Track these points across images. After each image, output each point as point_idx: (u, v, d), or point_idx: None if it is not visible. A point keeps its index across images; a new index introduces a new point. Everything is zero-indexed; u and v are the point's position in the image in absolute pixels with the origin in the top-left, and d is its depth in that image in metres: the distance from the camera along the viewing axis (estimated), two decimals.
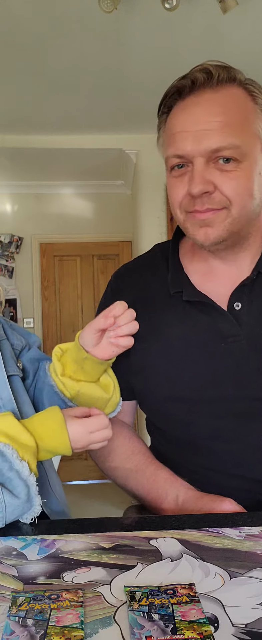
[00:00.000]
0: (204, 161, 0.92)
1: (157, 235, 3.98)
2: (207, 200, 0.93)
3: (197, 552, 0.69)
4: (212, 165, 0.92)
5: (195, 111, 0.93)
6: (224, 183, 0.92)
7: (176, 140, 0.95)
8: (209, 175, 0.92)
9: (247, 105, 0.95)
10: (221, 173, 0.92)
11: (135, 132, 4.05)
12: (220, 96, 0.93)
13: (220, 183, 0.92)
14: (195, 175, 0.92)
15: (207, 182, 0.92)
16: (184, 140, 0.93)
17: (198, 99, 0.94)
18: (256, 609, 0.56)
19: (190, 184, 0.94)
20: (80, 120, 3.86)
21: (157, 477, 1.02)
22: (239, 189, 0.93)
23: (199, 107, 0.93)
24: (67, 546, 0.71)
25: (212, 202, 0.93)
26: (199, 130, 0.92)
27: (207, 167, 0.92)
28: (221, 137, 0.90)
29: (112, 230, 5.05)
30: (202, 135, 0.91)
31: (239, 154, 0.91)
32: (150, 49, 3.00)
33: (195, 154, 0.92)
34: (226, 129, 0.91)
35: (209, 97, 0.93)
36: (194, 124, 0.92)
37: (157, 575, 0.63)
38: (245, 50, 2.98)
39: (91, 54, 3.04)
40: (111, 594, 0.59)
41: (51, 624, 0.53)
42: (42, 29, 2.78)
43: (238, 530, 0.75)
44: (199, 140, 0.92)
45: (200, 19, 2.75)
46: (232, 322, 1.00)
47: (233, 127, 0.91)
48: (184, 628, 0.52)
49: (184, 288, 1.04)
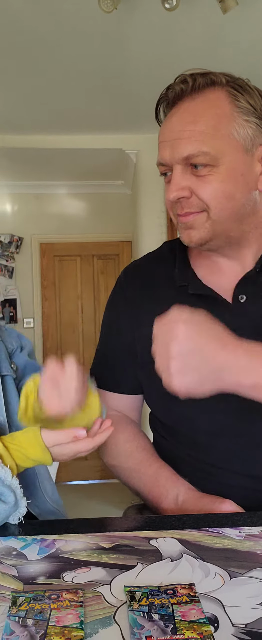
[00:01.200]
0: (181, 168, 0.96)
1: (157, 235, 3.98)
2: (186, 204, 0.97)
3: (197, 552, 0.69)
4: (189, 171, 0.96)
5: (172, 121, 0.98)
6: (199, 187, 0.95)
7: (159, 149, 1.00)
8: (185, 181, 0.96)
9: (224, 108, 0.95)
10: (197, 178, 0.95)
11: (135, 132, 4.05)
12: (195, 104, 0.96)
13: (195, 188, 0.96)
14: (171, 182, 0.98)
15: (183, 188, 0.96)
16: (163, 150, 0.99)
17: (176, 109, 0.98)
18: (256, 609, 0.56)
19: (167, 191, 0.99)
20: (80, 120, 3.86)
21: (159, 475, 1.02)
22: (215, 193, 0.95)
23: (175, 118, 0.98)
24: (67, 546, 0.71)
25: (190, 206, 0.97)
26: (173, 139, 0.96)
27: (184, 174, 0.96)
28: (191, 146, 0.94)
29: (112, 230, 5.05)
30: (176, 144, 0.96)
31: (211, 160, 0.93)
32: (150, 49, 3.00)
33: (172, 162, 0.97)
34: (197, 137, 0.93)
35: (185, 106, 0.97)
36: (170, 134, 0.97)
37: (157, 575, 0.63)
38: (245, 50, 2.99)
39: (91, 54, 3.04)
40: (111, 594, 0.59)
41: (51, 624, 0.53)
42: (42, 29, 2.78)
43: (238, 530, 0.75)
44: (173, 149, 0.96)
45: (200, 19, 2.75)
46: (237, 314, 1.01)
47: (204, 135, 0.93)
48: (184, 628, 0.52)
49: (190, 282, 1.06)
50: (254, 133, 0.95)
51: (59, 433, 0.85)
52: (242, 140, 0.94)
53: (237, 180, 0.95)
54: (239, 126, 0.94)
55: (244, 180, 0.96)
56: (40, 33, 2.82)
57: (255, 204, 0.99)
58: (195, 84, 0.96)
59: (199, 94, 0.96)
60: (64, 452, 0.85)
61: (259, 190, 0.98)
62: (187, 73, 0.98)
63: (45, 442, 0.84)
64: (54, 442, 0.85)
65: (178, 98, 0.97)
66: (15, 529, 0.79)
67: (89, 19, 2.70)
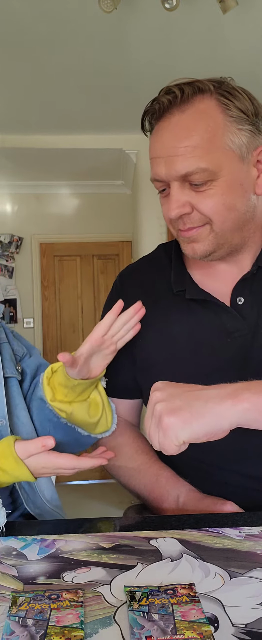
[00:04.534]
0: (178, 184, 0.93)
1: (157, 235, 3.98)
2: (188, 219, 0.95)
3: (197, 552, 0.69)
4: (188, 186, 0.94)
5: (163, 136, 0.95)
6: (200, 203, 0.93)
7: (153, 166, 0.97)
8: (185, 196, 0.94)
9: (216, 119, 0.92)
10: (196, 193, 0.93)
11: (135, 132, 4.03)
12: (186, 117, 0.92)
13: (196, 203, 0.94)
14: (171, 200, 0.95)
15: (184, 204, 0.94)
16: (157, 166, 0.96)
17: (166, 123, 0.94)
18: (256, 609, 0.56)
19: (167, 208, 0.96)
20: (80, 120, 3.86)
21: (160, 477, 1.02)
22: (216, 206, 0.93)
23: (167, 133, 0.94)
24: (67, 546, 0.71)
25: (192, 221, 0.95)
26: (168, 156, 0.93)
27: (183, 189, 0.94)
28: (188, 163, 0.91)
29: (112, 230, 5.05)
30: (171, 161, 0.93)
31: (210, 175, 0.91)
32: (150, 49, 3.00)
33: (169, 179, 0.94)
34: (193, 152, 0.90)
35: (176, 120, 0.93)
36: (164, 150, 0.94)
37: (157, 575, 0.63)
38: (245, 50, 2.99)
39: (91, 54, 3.03)
40: (111, 594, 0.59)
41: (51, 624, 0.53)
42: (42, 29, 2.78)
43: (238, 530, 0.75)
44: (169, 166, 0.93)
45: (200, 19, 2.74)
46: (236, 317, 1.01)
47: (199, 150, 0.90)
48: (184, 628, 0.52)
49: (187, 286, 1.06)
50: (248, 140, 0.93)
51: (28, 443, 0.84)
52: (237, 149, 0.93)
53: (236, 190, 0.94)
54: (233, 135, 0.92)
55: (243, 188, 0.95)
56: (40, 33, 2.81)
57: (254, 209, 0.98)
58: (183, 95, 0.92)
59: (188, 105, 0.93)
60: (42, 465, 0.84)
61: (256, 194, 0.97)
62: (172, 84, 0.95)
63: (18, 453, 0.83)
64: (25, 452, 0.83)
65: (166, 110, 0.94)
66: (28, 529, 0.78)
67: (89, 19, 2.70)
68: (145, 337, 1.04)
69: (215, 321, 1.02)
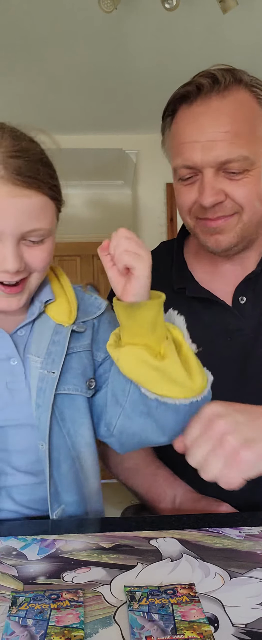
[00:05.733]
0: (213, 172, 0.92)
1: (157, 235, 3.98)
2: (219, 208, 0.94)
3: (197, 552, 0.69)
4: (222, 175, 0.92)
5: (203, 121, 0.92)
6: (235, 191, 0.92)
7: (185, 151, 0.94)
8: (219, 184, 0.92)
9: (254, 110, 0.94)
10: (231, 182, 0.92)
11: (135, 132, 4.05)
12: (227, 103, 0.92)
13: (231, 191, 0.93)
14: (206, 187, 0.92)
15: (218, 192, 0.92)
16: (192, 151, 0.93)
17: (205, 108, 0.92)
18: (256, 609, 0.56)
19: (201, 195, 0.93)
20: (80, 120, 3.86)
21: (157, 476, 1.02)
22: (250, 195, 0.93)
23: (207, 117, 0.92)
24: (67, 546, 0.71)
25: (223, 210, 0.94)
26: (207, 141, 0.91)
27: (217, 177, 0.92)
28: (230, 149, 0.90)
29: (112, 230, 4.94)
30: (211, 146, 0.91)
31: (248, 164, 0.91)
32: (150, 49, 3.00)
33: (204, 165, 0.92)
34: (234, 139, 0.90)
35: (216, 105, 0.92)
36: (202, 135, 0.91)
37: (157, 575, 0.63)
38: (245, 50, 2.99)
39: (91, 54, 3.04)
40: (111, 594, 0.59)
41: (51, 624, 0.53)
42: (42, 29, 2.78)
43: (238, 530, 0.75)
44: (207, 152, 0.91)
45: (200, 19, 2.75)
46: (237, 316, 1.01)
47: (241, 137, 0.90)
48: (184, 628, 0.52)
49: (188, 284, 1.06)
50: None
51: None
52: None
53: None
54: None
55: None
56: (40, 33, 2.82)
57: None
58: (225, 81, 0.91)
59: (228, 92, 0.92)
60: None
61: None
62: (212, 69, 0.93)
63: None
64: None
65: (204, 93, 0.92)
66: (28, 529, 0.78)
67: (89, 19, 2.70)
68: None
69: (215, 320, 1.02)
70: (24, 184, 0.74)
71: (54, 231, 0.84)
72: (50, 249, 0.82)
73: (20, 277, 0.78)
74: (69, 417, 0.85)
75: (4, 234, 0.74)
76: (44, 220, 0.78)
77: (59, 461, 0.85)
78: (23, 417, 0.83)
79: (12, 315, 0.84)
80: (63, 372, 0.84)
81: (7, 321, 0.84)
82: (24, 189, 0.74)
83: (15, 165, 0.73)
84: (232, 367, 1.00)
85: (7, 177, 0.73)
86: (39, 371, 0.83)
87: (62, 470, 0.85)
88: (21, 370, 0.84)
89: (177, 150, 0.96)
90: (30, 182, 0.74)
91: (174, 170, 0.99)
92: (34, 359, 0.84)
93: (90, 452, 0.88)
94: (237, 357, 1.00)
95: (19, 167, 0.73)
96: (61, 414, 0.84)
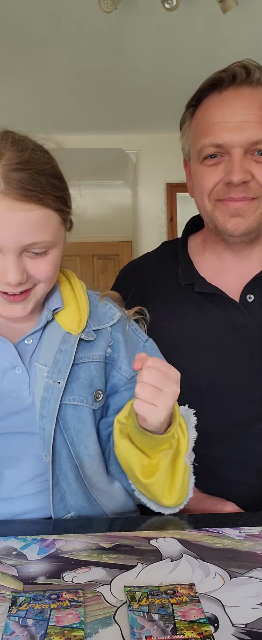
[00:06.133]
0: (242, 152, 0.97)
1: (157, 235, 3.98)
2: (244, 189, 0.98)
3: (197, 552, 0.69)
4: (249, 157, 0.97)
5: (234, 104, 0.98)
6: (261, 173, 0.97)
7: (215, 130, 0.98)
8: (247, 164, 0.97)
9: None
10: (257, 164, 0.97)
11: (135, 132, 4.05)
12: (259, 93, 0.98)
13: (257, 173, 0.97)
14: (235, 165, 0.97)
15: (246, 171, 0.97)
16: (223, 131, 0.97)
17: (237, 94, 0.98)
18: (256, 609, 0.56)
19: (229, 172, 0.97)
20: (80, 120, 3.86)
21: None
22: None
23: (239, 101, 0.98)
24: (67, 546, 0.71)
25: (248, 191, 0.98)
26: (238, 121, 0.96)
27: (245, 158, 0.97)
28: (260, 131, 0.96)
29: (112, 230, 5.05)
30: (242, 126, 0.96)
31: None
32: (150, 49, 3.00)
33: (234, 144, 0.97)
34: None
35: (249, 92, 0.98)
36: (234, 116, 0.97)
37: (157, 575, 0.63)
38: (245, 50, 2.98)
39: (91, 54, 3.04)
40: (111, 594, 0.59)
41: (51, 624, 0.53)
42: (42, 29, 2.78)
43: (238, 530, 0.75)
44: (238, 132, 0.96)
45: (200, 19, 2.75)
46: (243, 313, 1.02)
47: None
48: (184, 628, 0.52)
49: (195, 280, 1.07)
50: None
51: None
52: None
53: None
54: None
55: None
56: (40, 33, 2.82)
57: None
58: (260, 78, 0.98)
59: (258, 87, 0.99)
60: None
61: None
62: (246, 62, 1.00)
63: None
64: None
65: (238, 83, 0.98)
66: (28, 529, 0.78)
67: (89, 19, 2.70)
68: (151, 330, 1.04)
69: (222, 315, 1.03)
70: (24, 198, 0.73)
71: (61, 242, 0.83)
72: (55, 260, 0.81)
73: (24, 288, 0.79)
74: (73, 427, 0.85)
75: (5, 248, 0.75)
76: (45, 232, 0.77)
77: (65, 470, 0.84)
78: (26, 426, 0.83)
79: (20, 323, 0.84)
80: (69, 382, 0.84)
81: (17, 330, 0.85)
82: (24, 203, 0.73)
83: (16, 178, 0.73)
84: (238, 363, 1.01)
85: (7, 192, 0.72)
86: (45, 380, 0.82)
87: (68, 479, 0.85)
88: (25, 379, 0.84)
89: (205, 130, 1.00)
90: (30, 195, 0.73)
91: (199, 151, 1.02)
92: (40, 367, 0.83)
93: (94, 462, 0.87)
94: (244, 354, 1.01)
95: (19, 180, 0.73)
96: (65, 424, 0.84)
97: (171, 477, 0.79)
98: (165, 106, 3.41)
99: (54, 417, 0.81)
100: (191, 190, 1.10)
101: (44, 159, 0.79)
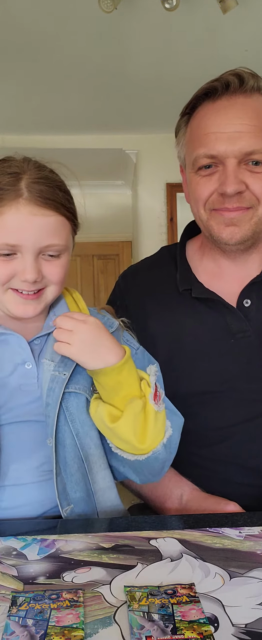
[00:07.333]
0: (236, 162, 0.96)
1: (157, 235, 3.99)
2: (238, 199, 0.98)
3: (197, 552, 0.69)
4: (243, 167, 0.97)
5: (228, 114, 0.97)
6: (255, 183, 0.97)
7: (209, 140, 0.98)
8: (241, 175, 0.97)
9: None
10: (251, 174, 0.97)
11: (135, 132, 4.05)
12: (253, 101, 0.98)
13: (251, 183, 0.97)
14: (229, 176, 0.96)
15: (240, 182, 0.97)
16: (217, 141, 0.97)
17: (231, 103, 0.98)
18: (256, 609, 0.56)
19: (223, 183, 0.97)
20: (80, 120, 3.86)
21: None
22: None
23: (233, 110, 0.97)
24: (67, 546, 0.71)
25: (242, 201, 0.98)
26: (232, 132, 0.96)
27: (239, 168, 0.97)
28: (255, 140, 0.95)
29: (112, 230, 5.05)
30: (236, 137, 0.96)
31: None
32: (150, 49, 3.00)
33: (228, 155, 0.96)
34: (259, 133, 0.96)
35: (242, 101, 0.97)
36: (227, 126, 0.96)
37: (157, 575, 0.63)
38: (245, 51, 2.99)
39: (91, 54, 3.04)
40: (111, 594, 0.59)
41: (51, 624, 0.53)
42: (42, 29, 2.78)
43: (238, 530, 0.75)
44: (232, 142, 0.96)
45: (200, 19, 2.74)
46: (240, 318, 1.02)
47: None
48: (184, 628, 0.52)
49: (193, 285, 1.07)
50: None
51: None
52: None
53: None
54: None
55: None
56: (40, 33, 2.82)
57: None
58: (253, 85, 0.98)
59: (254, 94, 0.98)
60: None
61: None
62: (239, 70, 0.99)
63: None
64: None
65: (231, 92, 0.98)
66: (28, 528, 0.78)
67: (89, 19, 2.70)
68: (149, 335, 1.05)
69: (219, 321, 1.03)
70: (44, 205, 0.85)
71: (70, 248, 0.95)
72: (66, 264, 0.91)
73: (38, 287, 0.87)
74: (78, 417, 0.89)
75: (25, 247, 0.84)
76: (60, 237, 0.88)
77: (68, 460, 0.88)
78: (33, 415, 0.88)
79: (29, 323, 0.90)
80: (74, 373, 0.89)
81: (26, 330, 0.90)
82: (44, 209, 0.85)
83: (37, 189, 0.85)
84: (234, 368, 1.01)
85: (30, 199, 0.84)
86: (51, 373, 0.89)
87: (70, 470, 0.88)
88: (34, 373, 0.90)
89: (199, 141, 1.00)
90: (49, 203, 0.86)
91: (194, 161, 1.02)
92: (47, 363, 0.90)
93: (98, 454, 0.91)
94: (240, 359, 1.01)
95: (40, 190, 0.85)
96: (71, 415, 0.89)
97: (143, 423, 0.84)
98: (165, 106, 3.41)
99: (57, 403, 0.86)
100: (187, 197, 1.11)
101: (59, 179, 0.93)
